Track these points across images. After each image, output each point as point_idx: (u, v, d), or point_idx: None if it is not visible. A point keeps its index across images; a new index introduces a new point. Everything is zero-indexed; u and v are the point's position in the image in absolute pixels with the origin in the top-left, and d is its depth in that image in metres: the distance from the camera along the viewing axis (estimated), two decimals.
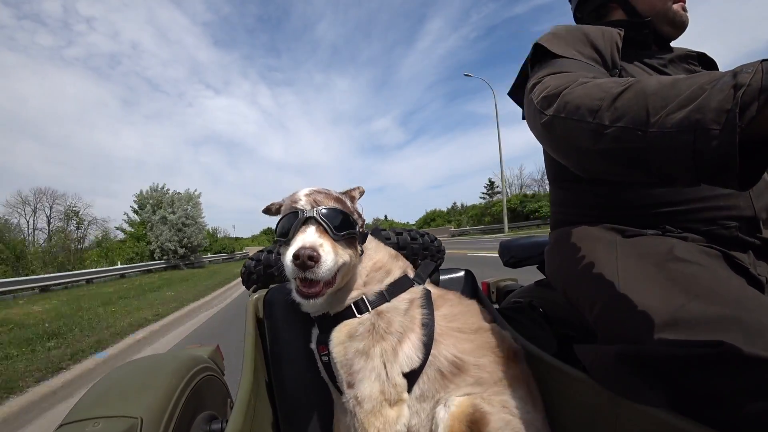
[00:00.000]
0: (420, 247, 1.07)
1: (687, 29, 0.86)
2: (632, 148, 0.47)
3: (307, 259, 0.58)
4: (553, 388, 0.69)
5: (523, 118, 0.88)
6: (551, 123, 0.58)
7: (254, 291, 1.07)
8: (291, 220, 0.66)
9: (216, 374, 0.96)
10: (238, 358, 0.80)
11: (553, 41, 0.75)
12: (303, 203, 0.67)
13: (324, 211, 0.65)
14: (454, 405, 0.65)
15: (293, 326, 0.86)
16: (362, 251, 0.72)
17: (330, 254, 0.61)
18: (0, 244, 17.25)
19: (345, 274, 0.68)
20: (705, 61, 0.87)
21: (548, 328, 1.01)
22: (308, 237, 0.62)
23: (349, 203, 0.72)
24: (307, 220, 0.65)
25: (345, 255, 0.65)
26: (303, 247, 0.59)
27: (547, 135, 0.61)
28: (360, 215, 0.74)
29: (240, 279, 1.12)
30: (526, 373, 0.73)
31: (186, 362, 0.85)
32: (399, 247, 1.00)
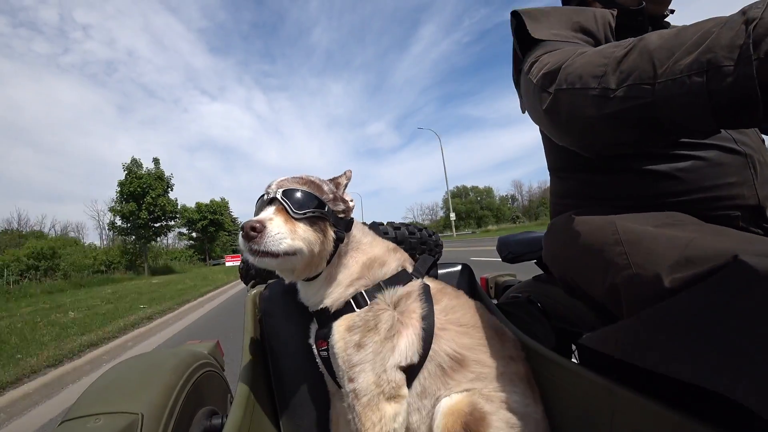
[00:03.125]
0: (418, 241, 1.07)
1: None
2: (641, 104, 0.44)
3: (250, 230, 0.59)
4: (550, 382, 0.70)
5: (523, 112, 0.86)
6: (556, 98, 0.56)
7: (252, 286, 1.07)
8: (258, 203, 0.69)
9: (216, 370, 0.97)
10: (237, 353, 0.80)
11: (541, 21, 0.73)
12: (272, 187, 0.68)
13: (284, 191, 0.66)
14: (449, 403, 0.65)
15: (292, 321, 0.87)
16: (339, 236, 0.70)
17: (277, 227, 0.61)
18: None
19: (317, 253, 0.67)
20: None
21: (546, 322, 1.01)
22: (263, 214, 0.63)
23: (327, 188, 0.72)
24: (271, 201, 0.66)
25: (308, 233, 0.64)
26: (249, 220, 0.61)
27: (551, 113, 0.58)
28: (344, 200, 0.74)
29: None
30: (527, 368, 0.73)
31: (186, 358, 0.85)
32: (397, 242, 1.00)
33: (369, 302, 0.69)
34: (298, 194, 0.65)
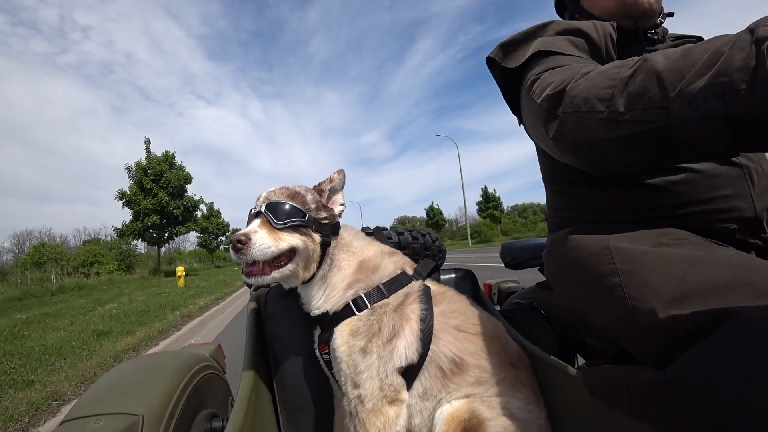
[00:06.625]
0: (421, 246, 1.07)
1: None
2: (655, 128, 0.44)
3: (236, 242, 0.66)
4: (553, 389, 0.69)
5: (520, 124, 0.85)
6: (563, 121, 0.56)
7: (255, 289, 1.07)
8: (249, 215, 0.76)
9: (217, 372, 0.97)
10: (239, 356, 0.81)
11: (544, 40, 0.73)
12: (259, 201, 0.74)
13: (268, 204, 0.71)
14: (449, 410, 0.65)
15: (294, 325, 0.87)
16: (325, 240, 0.73)
17: (261, 238, 0.67)
18: None
19: (305, 259, 0.72)
20: None
21: (549, 329, 1.00)
22: (249, 226, 0.71)
23: (310, 197, 0.76)
24: (257, 215, 0.72)
25: (293, 240, 0.70)
26: (236, 234, 0.67)
27: (559, 135, 0.58)
28: (327, 208, 0.78)
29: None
30: (529, 373, 0.72)
31: (187, 360, 0.85)
32: (400, 247, 1.00)
33: (368, 305, 0.69)
34: (280, 207, 0.71)
